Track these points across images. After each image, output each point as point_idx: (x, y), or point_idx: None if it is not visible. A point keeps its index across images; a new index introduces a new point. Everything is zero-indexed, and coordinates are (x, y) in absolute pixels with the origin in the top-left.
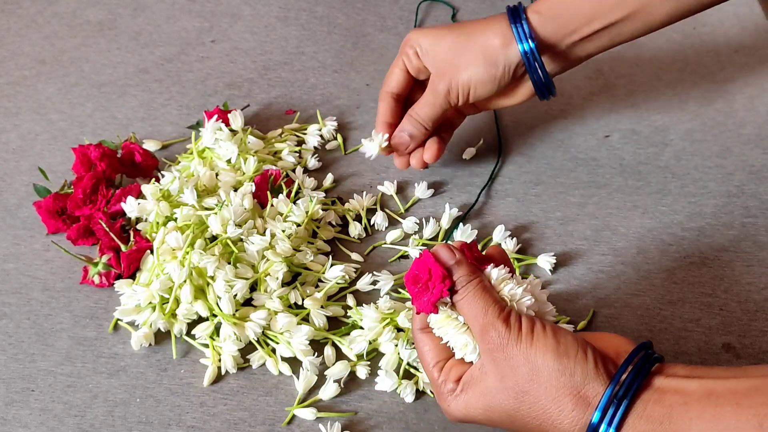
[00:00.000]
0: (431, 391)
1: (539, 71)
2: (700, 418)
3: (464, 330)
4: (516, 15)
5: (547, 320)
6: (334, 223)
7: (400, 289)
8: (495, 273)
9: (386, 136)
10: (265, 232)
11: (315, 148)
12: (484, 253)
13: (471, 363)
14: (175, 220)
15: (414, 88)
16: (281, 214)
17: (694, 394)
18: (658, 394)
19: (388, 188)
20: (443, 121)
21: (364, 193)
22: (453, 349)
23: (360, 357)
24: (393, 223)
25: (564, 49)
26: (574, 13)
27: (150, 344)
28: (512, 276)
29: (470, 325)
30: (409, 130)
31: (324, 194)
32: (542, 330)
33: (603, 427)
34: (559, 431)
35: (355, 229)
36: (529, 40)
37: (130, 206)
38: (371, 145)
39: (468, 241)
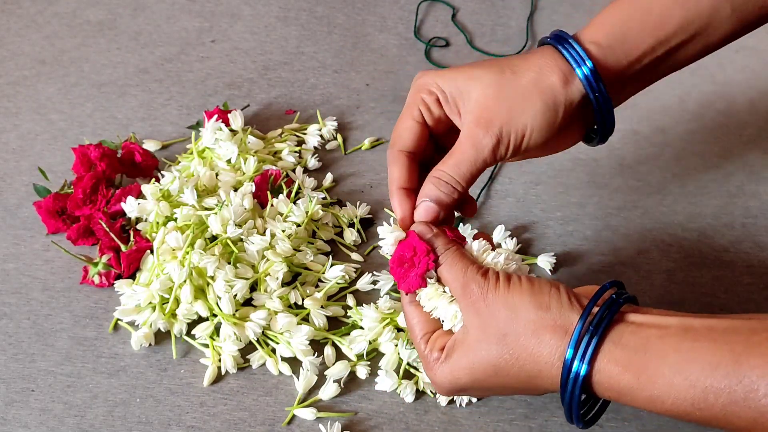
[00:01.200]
0: (432, 391)
1: (603, 106)
2: (677, 350)
3: (452, 301)
4: (568, 44)
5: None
6: (330, 224)
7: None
8: (476, 245)
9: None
10: (265, 232)
11: (315, 148)
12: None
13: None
14: (175, 220)
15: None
16: (281, 214)
17: (671, 328)
18: (635, 326)
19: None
20: None
21: (363, 193)
22: (442, 321)
23: (360, 357)
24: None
25: (623, 82)
26: (635, 39)
27: (150, 344)
28: (492, 248)
29: (452, 288)
30: (438, 197)
31: (324, 194)
32: (518, 278)
33: (578, 358)
34: (540, 366)
35: (351, 236)
36: (592, 75)
37: (130, 206)
38: (390, 237)
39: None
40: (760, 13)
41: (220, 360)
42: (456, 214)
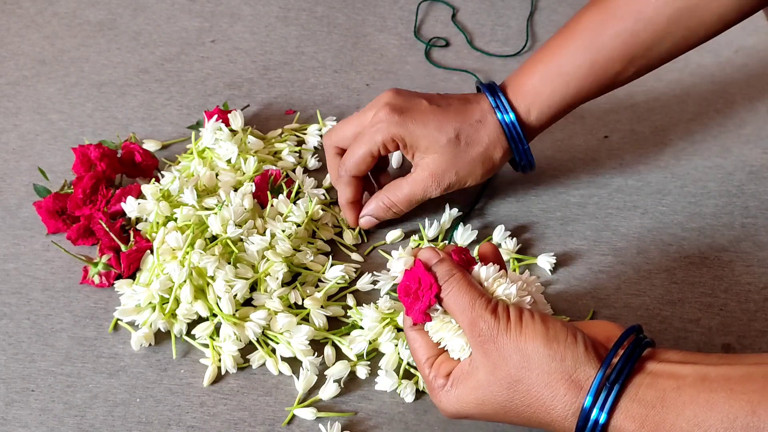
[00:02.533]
0: None
1: (528, 160)
2: (693, 402)
3: (460, 333)
4: (506, 113)
5: (535, 309)
6: (330, 224)
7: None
8: (483, 272)
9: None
10: (265, 232)
11: (315, 148)
12: (477, 250)
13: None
14: (175, 220)
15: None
16: (281, 214)
17: (687, 378)
18: (651, 377)
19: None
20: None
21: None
22: (451, 352)
23: (360, 357)
24: (393, 222)
25: (542, 128)
26: (557, 106)
27: (150, 344)
28: (504, 274)
29: (458, 320)
30: (382, 216)
31: (324, 193)
32: (530, 318)
33: (596, 410)
34: (553, 417)
35: (350, 237)
36: (522, 141)
37: (130, 206)
38: (399, 265)
39: (468, 241)
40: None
41: (220, 360)
42: (456, 213)
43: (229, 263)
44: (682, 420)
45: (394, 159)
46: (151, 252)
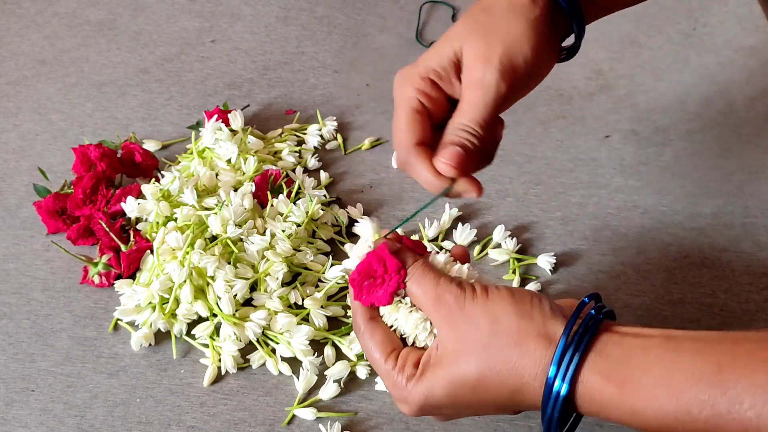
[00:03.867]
0: None
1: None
2: (660, 361)
3: (411, 311)
4: None
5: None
6: (330, 223)
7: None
8: (440, 257)
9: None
10: (265, 232)
11: (315, 148)
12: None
13: (425, 349)
14: (175, 220)
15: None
16: (281, 214)
17: (654, 338)
18: (619, 336)
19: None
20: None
21: (363, 193)
22: (404, 334)
23: (360, 357)
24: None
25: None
26: None
27: (150, 344)
28: (454, 260)
29: (422, 302)
30: (461, 143)
31: (325, 192)
32: (495, 287)
33: (564, 364)
34: (523, 378)
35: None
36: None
37: (130, 206)
38: (363, 248)
39: (468, 240)
40: None
41: (220, 360)
42: (456, 213)
43: (229, 263)
44: (648, 377)
45: (395, 159)
46: (151, 252)
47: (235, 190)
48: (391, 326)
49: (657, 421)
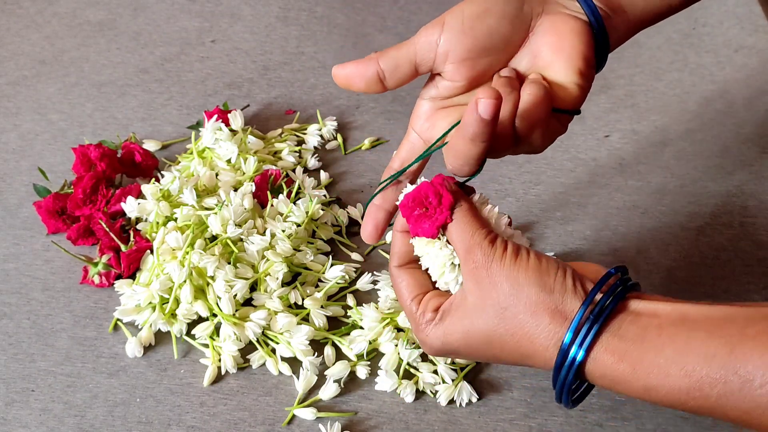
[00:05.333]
0: (432, 391)
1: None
2: (673, 341)
3: (445, 245)
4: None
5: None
6: (330, 223)
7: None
8: (476, 196)
9: None
10: (265, 232)
11: (315, 148)
12: None
13: (448, 295)
14: (175, 220)
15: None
16: (281, 214)
17: (668, 317)
18: (634, 315)
19: None
20: None
21: (363, 193)
22: (431, 270)
23: (360, 357)
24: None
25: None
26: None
27: (150, 344)
28: (500, 216)
29: (456, 247)
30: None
31: (325, 192)
32: (525, 252)
33: (576, 344)
34: (535, 347)
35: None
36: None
37: (130, 206)
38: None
39: None
40: None
41: (220, 360)
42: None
43: (229, 263)
44: (660, 357)
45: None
46: (151, 252)
47: (235, 190)
48: (421, 257)
49: (669, 396)
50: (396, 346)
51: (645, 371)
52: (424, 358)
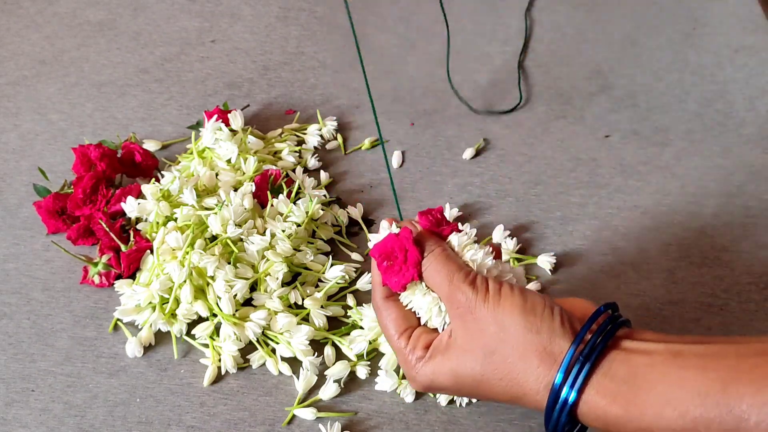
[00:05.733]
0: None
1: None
2: (665, 379)
3: (428, 292)
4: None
5: (514, 283)
6: (330, 223)
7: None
8: (455, 239)
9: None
10: (265, 232)
11: (315, 148)
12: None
13: (436, 331)
14: (175, 220)
15: None
16: (281, 214)
17: (660, 355)
18: (624, 354)
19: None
20: None
21: (363, 193)
22: (418, 313)
23: (360, 357)
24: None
25: None
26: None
27: (150, 344)
28: (473, 241)
29: (438, 292)
30: None
31: (325, 192)
32: (509, 290)
33: (567, 384)
34: (525, 391)
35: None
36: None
37: (130, 206)
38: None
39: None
40: None
41: (220, 360)
42: (456, 213)
43: (229, 263)
44: (653, 396)
45: (395, 159)
46: (151, 252)
47: (235, 190)
48: (407, 305)
49: None
50: None
51: (638, 411)
52: None
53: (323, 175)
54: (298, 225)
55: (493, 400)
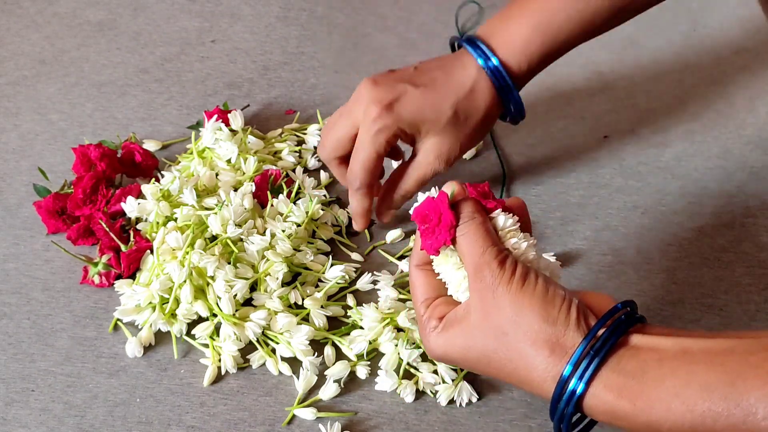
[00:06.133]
0: (432, 392)
1: (519, 109)
2: (674, 374)
3: (461, 268)
4: (497, 72)
5: (541, 272)
6: (330, 223)
7: (399, 289)
8: (501, 220)
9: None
10: (265, 232)
11: (315, 147)
12: (506, 203)
13: (458, 303)
14: (175, 220)
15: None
16: (281, 214)
17: (669, 351)
18: (634, 350)
19: None
20: None
21: None
22: (447, 284)
23: (360, 357)
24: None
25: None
26: (540, 55)
27: (150, 344)
28: (519, 229)
29: (465, 262)
30: (396, 206)
31: (325, 192)
32: (534, 278)
33: (574, 379)
34: (532, 377)
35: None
36: (514, 95)
37: (130, 206)
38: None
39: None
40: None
41: (220, 360)
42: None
43: (229, 263)
44: (661, 391)
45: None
46: (151, 252)
47: (235, 190)
48: (438, 274)
49: (673, 431)
50: (396, 346)
51: (646, 406)
52: (424, 358)
53: (323, 175)
54: (298, 225)
55: (501, 378)
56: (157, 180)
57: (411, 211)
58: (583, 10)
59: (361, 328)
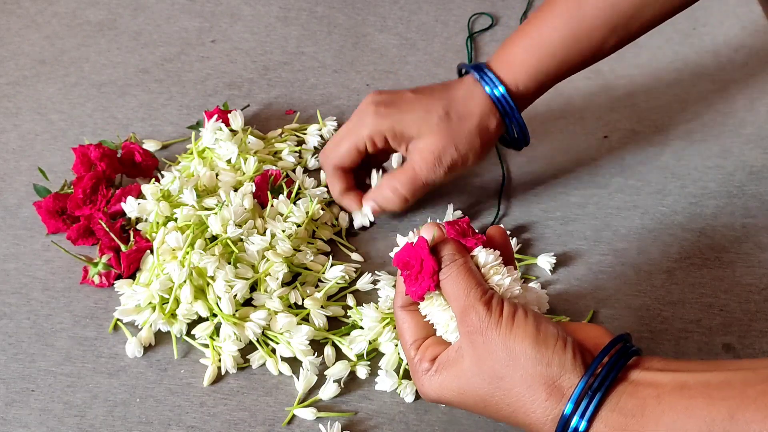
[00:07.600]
0: None
1: (522, 132)
2: (672, 410)
3: (447, 308)
4: (494, 86)
5: (530, 308)
6: (330, 223)
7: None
8: (482, 257)
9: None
10: (265, 232)
11: (315, 148)
12: (486, 233)
13: (449, 343)
14: (175, 220)
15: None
16: (281, 214)
17: (667, 386)
18: (632, 386)
19: None
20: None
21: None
22: (435, 326)
23: (360, 357)
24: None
25: (531, 100)
26: (544, 80)
27: (150, 344)
28: (501, 263)
29: (451, 305)
30: (384, 204)
31: (325, 192)
32: (523, 317)
33: (576, 417)
34: (531, 420)
35: (358, 219)
36: (514, 111)
37: (130, 206)
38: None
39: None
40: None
41: (220, 360)
42: (459, 215)
43: (229, 263)
44: (661, 427)
45: (395, 160)
46: (151, 252)
47: (235, 190)
48: (425, 316)
49: None
50: (396, 346)
51: None
52: None
53: (323, 175)
54: (298, 225)
55: (499, 421)
56: (157, 180)
57: (392, 255)
58: (576, 28)
59: (361, 328)
